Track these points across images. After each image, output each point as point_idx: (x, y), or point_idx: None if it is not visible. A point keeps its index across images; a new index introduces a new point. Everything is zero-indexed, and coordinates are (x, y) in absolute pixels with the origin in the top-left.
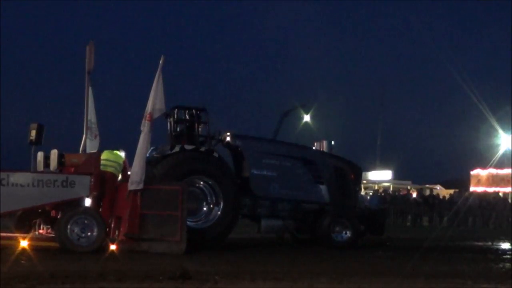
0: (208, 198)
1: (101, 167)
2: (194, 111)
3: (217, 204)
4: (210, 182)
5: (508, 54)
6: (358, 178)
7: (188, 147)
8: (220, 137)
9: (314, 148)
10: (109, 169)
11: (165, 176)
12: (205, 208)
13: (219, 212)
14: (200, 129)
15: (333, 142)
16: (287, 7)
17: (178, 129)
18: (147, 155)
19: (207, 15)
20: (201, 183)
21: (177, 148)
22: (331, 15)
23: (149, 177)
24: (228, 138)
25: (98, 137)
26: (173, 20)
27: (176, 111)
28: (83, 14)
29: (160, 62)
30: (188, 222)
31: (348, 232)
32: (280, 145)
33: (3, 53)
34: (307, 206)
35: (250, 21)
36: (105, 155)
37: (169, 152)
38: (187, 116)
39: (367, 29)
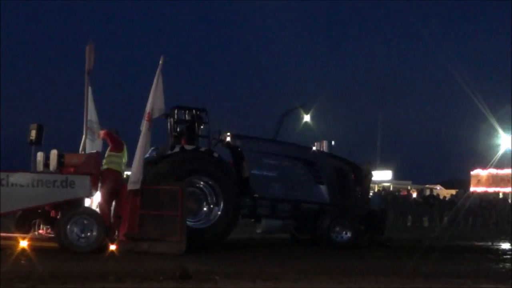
0: (208, 198)
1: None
2: (194, 111)
3: (217, 204)
4: (210, 182)
5: (508, 54)
6: (359, 178)
7: (188, 147)
8: (220, 137)
9: (314, 148)
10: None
11: (165, 176)
12: (205, 209)
13: (219, 212)
14: (200, 129)
15: (333, 142)
16: (288, 6)
17: (178, 129)
18: (148, 155)
19: (207, 15)
20: (201, 183)
21: (177, 148)
22: (331, 15)
23: (150, 177)
24: (228, 138)
25: (100, 137)
26: (173, 20)
27: (176, 111)
28: (83, 14)
29: (160, 62)
30: (188, 223)
31: (348, 232)
32: (281, 145)
33: (3, 53)
34: (307, 206)
35: (250, 20)
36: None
37: (169, 152)
38: (187, 116)
39: (367, 29)
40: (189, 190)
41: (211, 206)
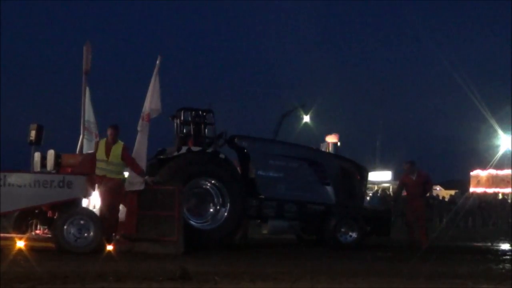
0: (215, 200)
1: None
2: (200, 112)
3: (223, 205)
4: (216, 184)
5: (508, 54)
6: (364, 179)
7: (194, 148)
8: (226, 138)
9: (319, 148)
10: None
11: (171, 177)
12: (211, 210)
13: (225, 214)
14: (206, 130)
15: (339, 143)
16: (287, 7)
17: (184, 131)
18: (152, 156)
19: (206, 16)
20: (208, 184)
21: (183, 150)
22: (331, 15)
23: (156, 178)
24: (234, 139)
25: (98, 137)
26: (172, 20)
27: (182, 113)
28: (81, 14)
29: (157, 62)
30: (195, 223)
31: (354, 233)
32: (286, 146)
33: (2, 54)
34: (313, 207)
35: (250, 20)
36: None
37: (176, 153)
38: (193, 118)
39: (367, 30)
40: (196, 191)
41: (218, 207)
